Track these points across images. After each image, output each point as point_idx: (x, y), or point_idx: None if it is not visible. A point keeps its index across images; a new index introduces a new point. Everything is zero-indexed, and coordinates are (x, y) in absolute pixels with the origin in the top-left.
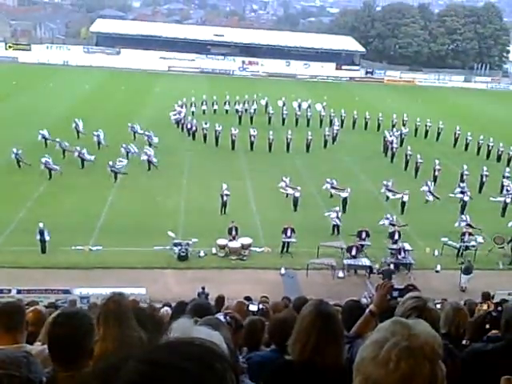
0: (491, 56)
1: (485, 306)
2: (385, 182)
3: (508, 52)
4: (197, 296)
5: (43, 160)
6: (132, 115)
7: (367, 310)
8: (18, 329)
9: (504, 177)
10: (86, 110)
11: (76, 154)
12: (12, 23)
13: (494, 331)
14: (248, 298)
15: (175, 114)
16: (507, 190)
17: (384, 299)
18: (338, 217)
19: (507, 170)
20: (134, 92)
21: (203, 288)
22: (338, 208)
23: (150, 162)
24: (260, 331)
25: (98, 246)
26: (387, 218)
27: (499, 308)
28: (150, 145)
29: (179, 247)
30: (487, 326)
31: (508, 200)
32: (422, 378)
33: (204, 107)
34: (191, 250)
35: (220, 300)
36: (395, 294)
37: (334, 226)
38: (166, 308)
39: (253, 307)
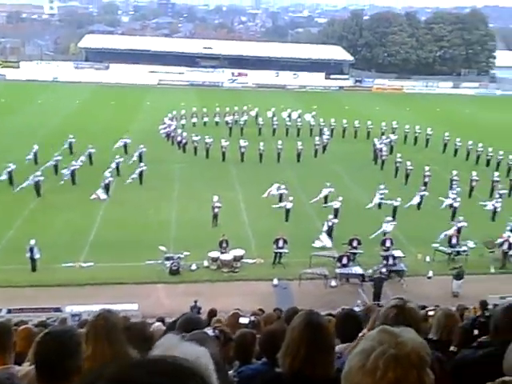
0: (478, 62)
1: (473, 311)
2: (382, 187)
3: (494, 57)
4: (189, 310)
5: (31, 178)
6: (122, 130)
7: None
8: (5, 350)
9: (493, 181)
10: (77, 126)
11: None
12: (1, 41)
13: (483, 337)
14: (239, 310)
15: (165, 128)
16: (499, 195)
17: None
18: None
19: (496, 174)
20: (124, 106)
21: (196, 302)
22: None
23: (141, 175)
24: (251, 344)
25: (89, 263)
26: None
27: (486, 313)
28: (141, 159)
29: (171, 261)
30: (476, 332)
31: (498, 205)
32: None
33: (194, 120)
34: (183, 263)
35: (212, 313)
36: None
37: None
38: (158, 323)
39: (243, 320)
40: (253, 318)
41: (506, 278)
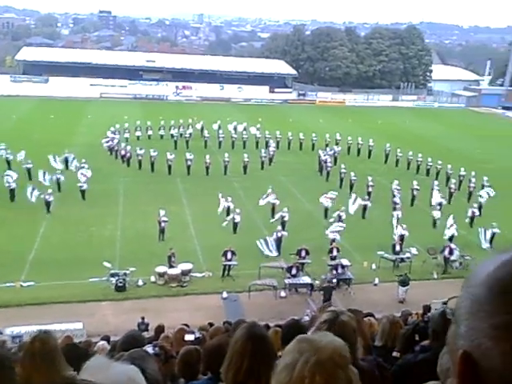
0: (416, 75)
1: (416, 317)
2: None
3: (431, 71)
4: (137, 327)
5: None
6: (63, 144)
7: None
8: None
9: (433, 189)
10: (13, 141)
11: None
12: None
13: (425, 342)
14: (186, 326)
15: (108, 141)
16: (439, 204)
17: None
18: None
19: (436, 183)
20: (65, 120)
21: (143, 318)
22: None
23: (83, 191)
24: (196, 361)
25: (29, 282)
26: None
27: (426, 318)
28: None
29: (116, 277)
30: (417, 337)
31: (438, 213)
32: None
33: (138, 133)
34: (129, 279)
35: (159, 329)
36: None
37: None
38: (102, 342)
39: (189, 337)
40: (198, 335)
41: (447, 283)
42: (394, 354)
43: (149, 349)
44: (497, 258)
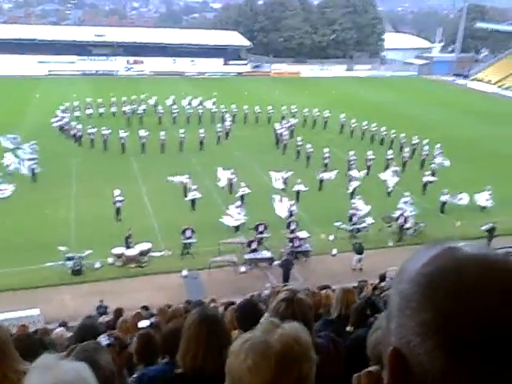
0: (369, 44)
1: (371, 287)
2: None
3: (383, 40)
4: (95, 310)
5: None
6: (10, 125)
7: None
8: None
9: (387, 159)
10: None
11: None
12: None
13: (376, 315)
14: (146, 308)
15: (58, 121)
16: (394, 172)
17: None
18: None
19: (389, 152)
20: (11, 100)
21: (101, 301)
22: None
23: (33, 172)
24: (153, 345)
25: None
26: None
27: (376, 292)
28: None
29: (73, 261)
30: (368, 312)
31: (392, 183)
32: (267, 372)
33: (89, 111)
34: (86, 262)
35: (118, 312)
36: None
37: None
38: (60, 328)
39: (143, 323)
40: (152, 319)
41: (402, 250)
42: (348, 328)
43: (103, 339)
44: (424, 254)
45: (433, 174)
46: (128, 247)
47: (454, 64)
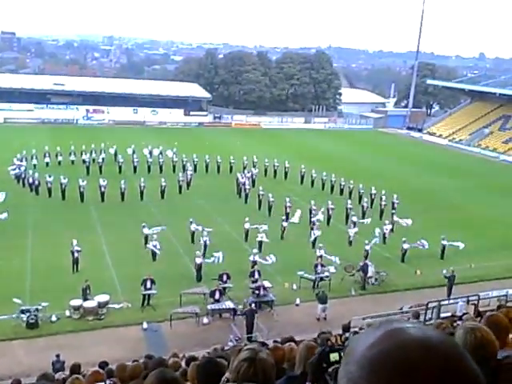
0: (326, 98)
1: (334, 339)
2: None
3: (340, 94)
4: (51, 365)
5: None
6: None
7: (223, 378)
8: None
9: (348, 209)
10: None
11: None
12: None
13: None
14: (104, 364)
15: (14, 169)
16: (353, 222)
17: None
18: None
19: (349, 202)
20: None
21: (58, 356)
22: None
23: None
24: None
25: None
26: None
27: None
28: None
29: (27, 314)
30: (324, 365)
31: (352, 232)
32: None
33: (47, 159)
34: (41, 315)
35: (75, 368)
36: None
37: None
38: None
39: None
40: (109, 382)
41: (365, 299)
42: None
43: None
44: (370, 335)
45: (392, 225)
46: (86, 299)
47: (407, 117)
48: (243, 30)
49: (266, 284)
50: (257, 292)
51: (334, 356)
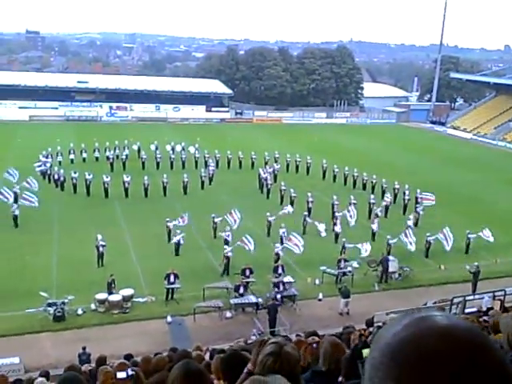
0: (348, 93)
1: (358, 334)
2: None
3: (362, 89)
4: (77, 358)
5: None
6: None
7: (245, 370)
8: None
9: (370, 204)
10: None
11: None
12: None
13: None
14: (130, 356)
15: (40, 165)
16: (376, 215)
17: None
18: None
19: (372, 196)
20: None
21: (84, 348)
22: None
23: (16, 218)
24: None
25: None
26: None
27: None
28: (16, 199)
29: (54, 307)
30: (357, 361)
31: (375, 225)
32: None
33: (72, 156)
34: (68, 308)
35: (100, 361)
36: None
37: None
38: (40, 379)
39: (121, 374)
40: (130, 372)
41: (388, 294)
42: (340, 379)
43: None
44: (397, 323)
45: (416, 223)
46: (111, 293)
47: (430, 112)
48: (264, 25)
49: (288, 279)
50: (278, 287)
51: (366, 352)
